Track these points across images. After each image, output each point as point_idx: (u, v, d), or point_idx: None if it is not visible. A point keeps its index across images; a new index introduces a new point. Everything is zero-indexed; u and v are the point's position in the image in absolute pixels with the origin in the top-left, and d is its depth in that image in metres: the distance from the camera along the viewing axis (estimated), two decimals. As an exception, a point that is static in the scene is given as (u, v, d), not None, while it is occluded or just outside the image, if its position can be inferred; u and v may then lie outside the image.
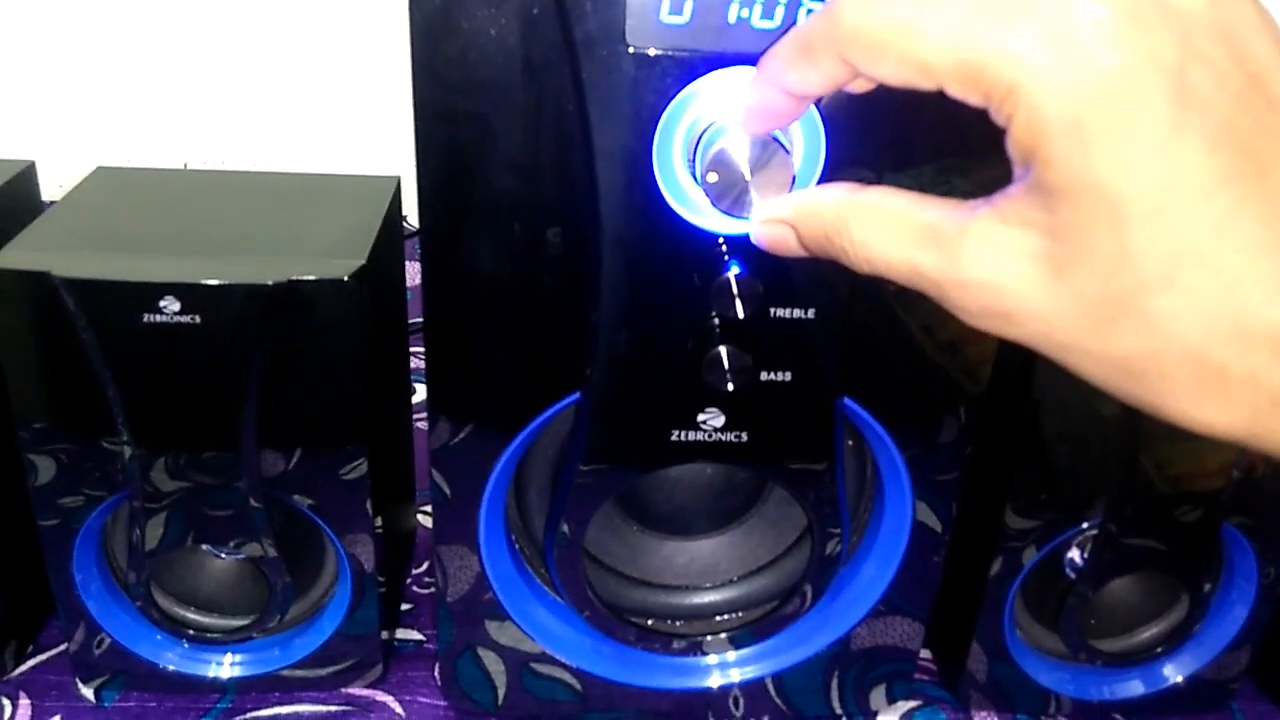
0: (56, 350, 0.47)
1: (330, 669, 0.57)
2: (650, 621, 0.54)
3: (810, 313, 0.44)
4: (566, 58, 0.38)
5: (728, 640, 0.55)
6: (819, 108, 0.38)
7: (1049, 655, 0.58)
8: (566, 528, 0.49)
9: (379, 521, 0.53)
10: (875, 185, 0.31)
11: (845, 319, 0.44)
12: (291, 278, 0.46)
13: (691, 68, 0.38)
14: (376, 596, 0.55)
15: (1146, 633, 0.58)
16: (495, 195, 0.41)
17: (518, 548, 0.53)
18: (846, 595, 0.54)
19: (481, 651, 0.54)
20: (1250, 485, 0.52)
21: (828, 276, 0.43)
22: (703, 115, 0.38)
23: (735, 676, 0.56)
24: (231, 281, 0.46)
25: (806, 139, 0.39)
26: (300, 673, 0.56)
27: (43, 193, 0.61)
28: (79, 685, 0.57)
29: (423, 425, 0.74)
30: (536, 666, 0.54)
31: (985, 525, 0.53)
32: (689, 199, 0.40)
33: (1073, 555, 0.54)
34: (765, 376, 0.45)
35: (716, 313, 0.43)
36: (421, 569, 0.67)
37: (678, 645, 0.54)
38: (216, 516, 0.51)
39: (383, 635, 0.57)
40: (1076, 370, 0.28)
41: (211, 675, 0.56)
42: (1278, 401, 0.26)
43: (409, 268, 0.63)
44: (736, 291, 0.42)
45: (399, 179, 0.59)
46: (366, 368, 0.49)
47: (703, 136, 0.37)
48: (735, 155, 0.35)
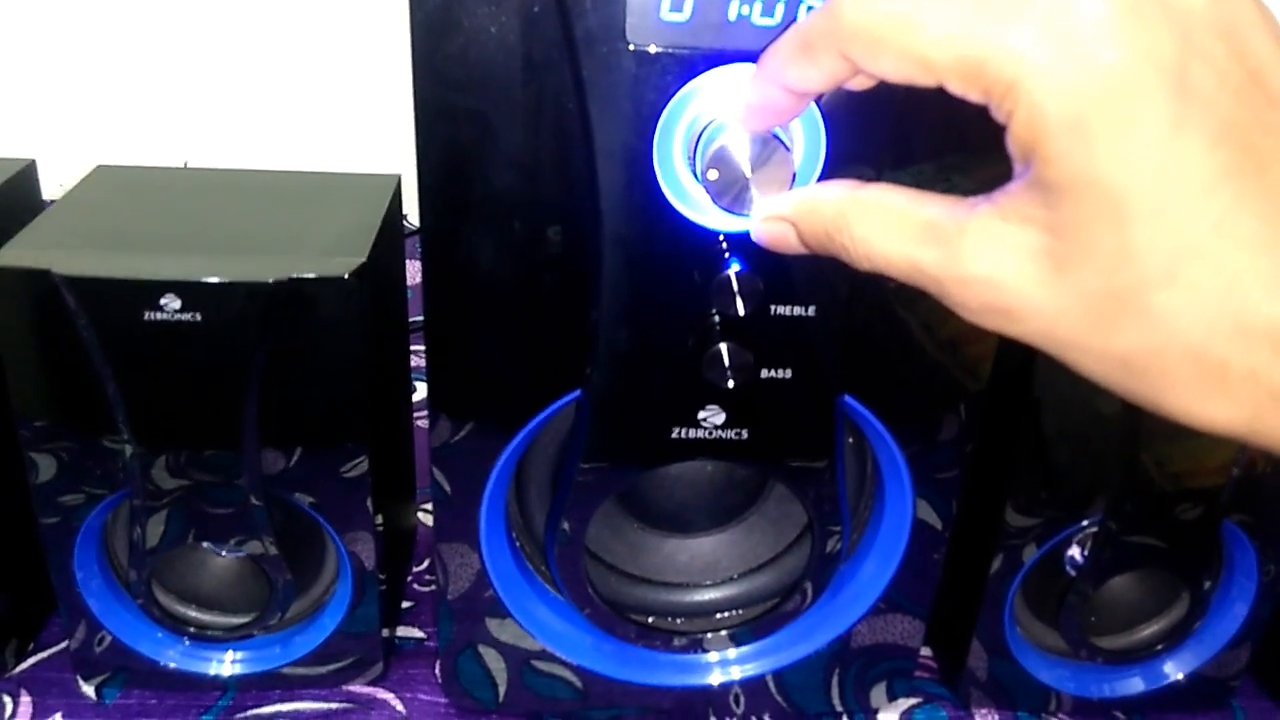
0: (57, 348, 0.47)
1: (331, 666, 0.57)
2: (651, 619, 0.54)
3: (811, 310, 0.44)
4: (567, 55, 0.38)
5: (728, 638, 0.55)
6: (819, 105, 0.38)
7: (1049, 652, 0.58)
8: (567, 525, 0.49)
9: (380, 519, 0.53)
10: (875, 182, 0.31)
11: (846, 316, 0.44)
12: (292, 276, 0.46)
13: (692, 65, 0.38)
14: (377, 594, 0.55)
15: (1147, 630, 0.57)
16: (496, 193, 0.41)
17: (518, 545, 0.53)
18: (847, 593, 0.54)
19: (482, 649, 0.54)
20: (1250, 482, 0.52)
21: (828, 274, 0.43)
22: (703, 112, 0.38)
23: (736, 674, 0.56)
24: (232, 279, 0.46)
25: (807, 136, 0.39)
26: (301, 670, 0.56)
27: (43, 191, 0.60)
28: (80, 683, 0.57)
29: (423, 423, 0.74)
30: (537, 664, 0.54)
31: (986, 523, 0.53)
32: (689, 196, 0.40)
33: (1073, 553, 0.54)
34: (766, 374, 0.45)
35: (717, 310, 0.43)
36: (422, 567, 0.67)
37: (678, 643, 0.54)
38: (217, 514, 0.51)
39: (383, 633, 0.57)
40: (1077, 367, 0.28)
41: (212, 673, 0.56)
42: (1278, 397, 0.26)
43: (409, 266, 0.63)
44: (737, 289, 0.42)
45: (399, 177, 0.59)
46: (367, 366, 0.49)
47: (703, 134, 0.37)
48: (736, 152, 0.35)
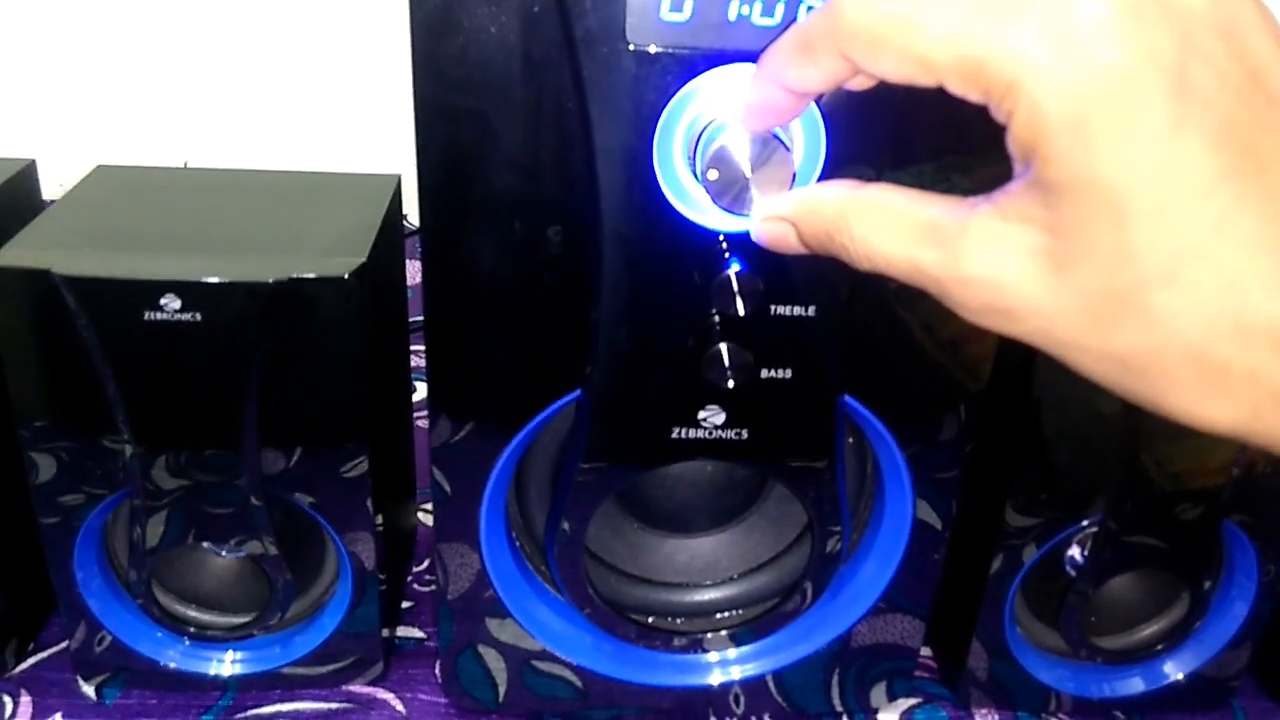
0: (57, 348, 0.47)
1: (331, 666, 0.57)
2: (651, 619, 0.54)
3: (811, 310, 0.44)
4: (567, 55, 0.38)
5: (728, 638, 0.55)
6: (819, 105, 0.38)
7: (1049, 652, 0.58)
8: (567, 525, 0.49)
9: (380, 519, 0.53)
10: (875, 182, 0.31)
11: (846, 316, 0.44)
12: (292, 276, 0.46)
13: (692, 65, 0.38)
14: (377, 594, 0.55)
15: (1147, 630, 0.57)
16: (496, 193, 0.41)
17: (518, 545, 0.53)
18: (847, 593, 0.54)
19: (482, 649, 0.54)
20: (1250, 482, 0.52)
21: (828, 274, 0.43)
22: (703, 112, 0.38)
23: (736, 674, 0.56)
24: (232, 279, 0.46)
25: (807, 136, 0.39)
26: (301, 670, 0.56)
27: (43, 191, 0.60)
28: (80, 683, 0.57)
29: (423, 423, 0.74)
30: (537, 664, 0.54)
31: (985, 523, 0.53)
32: (689, 196, 0.40)
33: (1073, 553, 0.54)
34: (766, 374, 0.45)
35: (717, 310, 0.43)
36: (422, 567, 0.67)
37: (678, 642, 0.54)
38: (217, 514, 0.51)
39: (383, 633, 0.57)
40: (1077, 367, 0.28)
41: (212, 673, 0.56)
42: (1278, 397, 0.26)
43: (409, 266, 0.63)
44: (737, 289, 0.42)
45: (399, 177, 0.59)
46: (367, 365, 0.49)
47: (703, 134, 0.37)
48: (736, 152, 0.35)
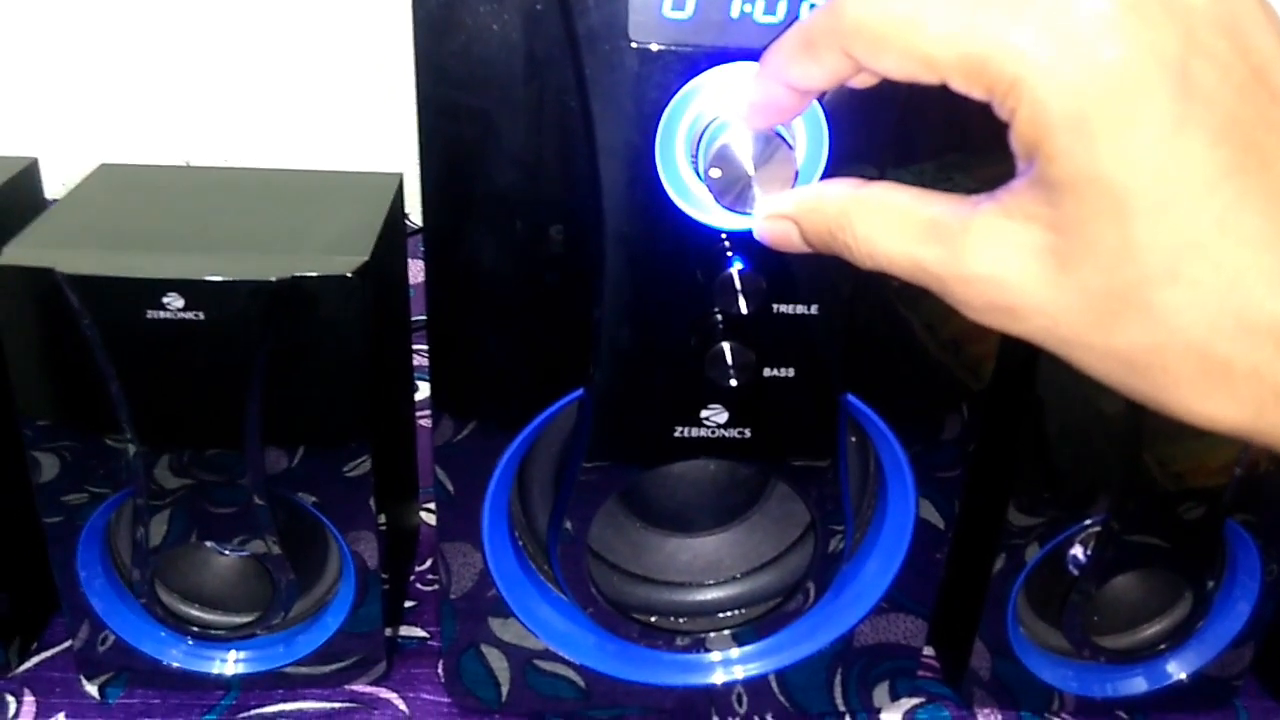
0: (60, 347, 0.47)
1: (334, 666, 0.57)
2: (654, 618, 0.54)
3: (813, 309, 0.44)
4: (569, 53, 0.38)
5: (731, 637, 0.55)
6: (822, 103, 0.38)
7: (1052, 652, 0.58)
8: (570, 524, 0.49)
9: (382, 519, 0.53)
10: (878, 181, 0.31)
11: (848, 315, 0.44)
12: (295, 274, 0.46)
13: (694, 63, 0.38)
14: (380, 593, 0.55)
15: (1150, 629, 0.57)
16: (498, 191, 0.41)
17: (521, 544, 0.53)
18: (849, 592, 0.54)
19: (485, 648, 0.54)
20: (1253, 482, 0.52)
21: (830, 272, 0.43)
22: (705, 110, 0.38)
23: (739, 673, 0.56)
24: (235, 278, 0.46)
25: (809, 134, 0.39)
26: (304, 670, 0.56)
27: (46, 190, 0.60)
28: (83, 682, 0.57)
29: (426, 422, 0.74)
30: (540, 663, 0.54)
31: (988, 522, 0.53)
32: (692, 194, 0.40)
33: (1076, 552, 0.54)
34: (768, 373, 0.45)
35: (719, 309, 0.43)
36: (425, 566, 0.67)
37: (681, 642, 0.54)
38: (220, 513, 0.51)
39: (386, 632, 0.57)
40: (1080, 365, 0.28)
41: (215, 672, 0.56)
42: (1281, 395, 0.26)
43: (411, 265, 0.63)
44: (739, 287, 0.41)
45: (401, 176, 0.59)
46: (369, 364, 0.49)
47: (705, 132, 0.37)
48: (738, 150, 0.35)
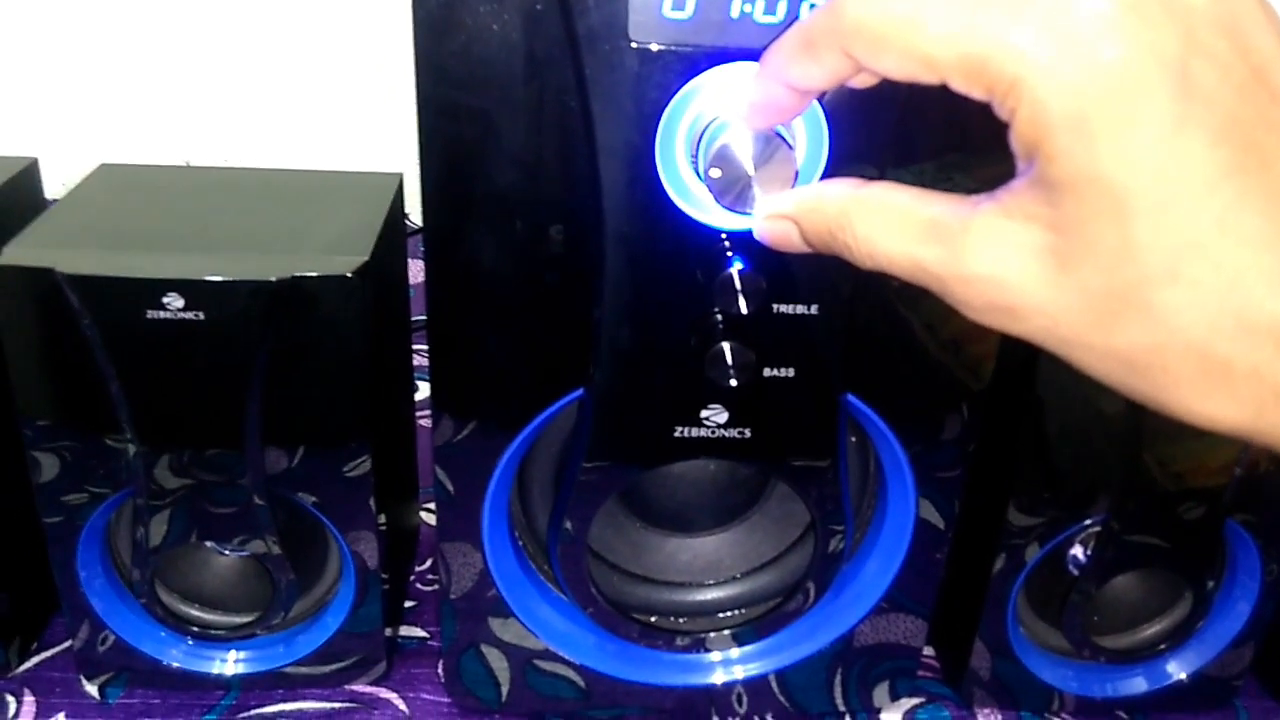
0: (60, 347, 0.47)
1: (334, 666, 0.57)
2: (654, 618, 0.54)
3: (813, 309, 0.44)
4: (569, 53, 0.38)
5: (731, 637, 0.55)
6: (822, 103, 0.38)
7: (1052, 652, 0.58)
8: (570, 524, 0.49)
9: (382, 519, 0.53)
10: (878, 181, 0.31)
11: (848, 315, 0.44)
12: (295, 274, 0.46)
13: (694, 63, 0.38)
14: (380, 593, 0.55)
15: (1150, 629, 0.57)
16: (498, 191, 0.41)
17: (521, 544, 0.53)
18: (849, 592, 0.54)
19: (485, 648, 0.54)
20: (1253, 481, 0.52)
21: (831, 272, 0.43)
22: (705, 110, 0.38)
23: (739, 673, 0.56)
24: (235, 278, 0.46)
25: (809, 134, 0.39)
26: (304, 670, 0.56)
27: (46, 190, 0.60)
28: (83, 682, 0.57)
29: (426, 422, 0.74)
30: (540, 663, 0.54)
31: (988, 522, 0.53)
32: (692, 194, 0.40)
33: (1076, 552, 0.54)
34: (768, 373, 0.45)
35: (719, 309, 0.43)
36: (425, 566, 0.67)
37: (681, 642, 0.54)
38: (220, 513, 0.51)
39: (386, 632, 0.57)
40: (1080, 365, 0.28)
41: (215, 672, 0.56)
42: (1282, 395, 0.26)
43: (411, 265, 0.63)
44: (739, 287, 0.41)
45: (401, 176, 0.59)
46: (370, 364, 0.49)
47: (705, 132, 0.37)
48: (738, 150, 0.35)
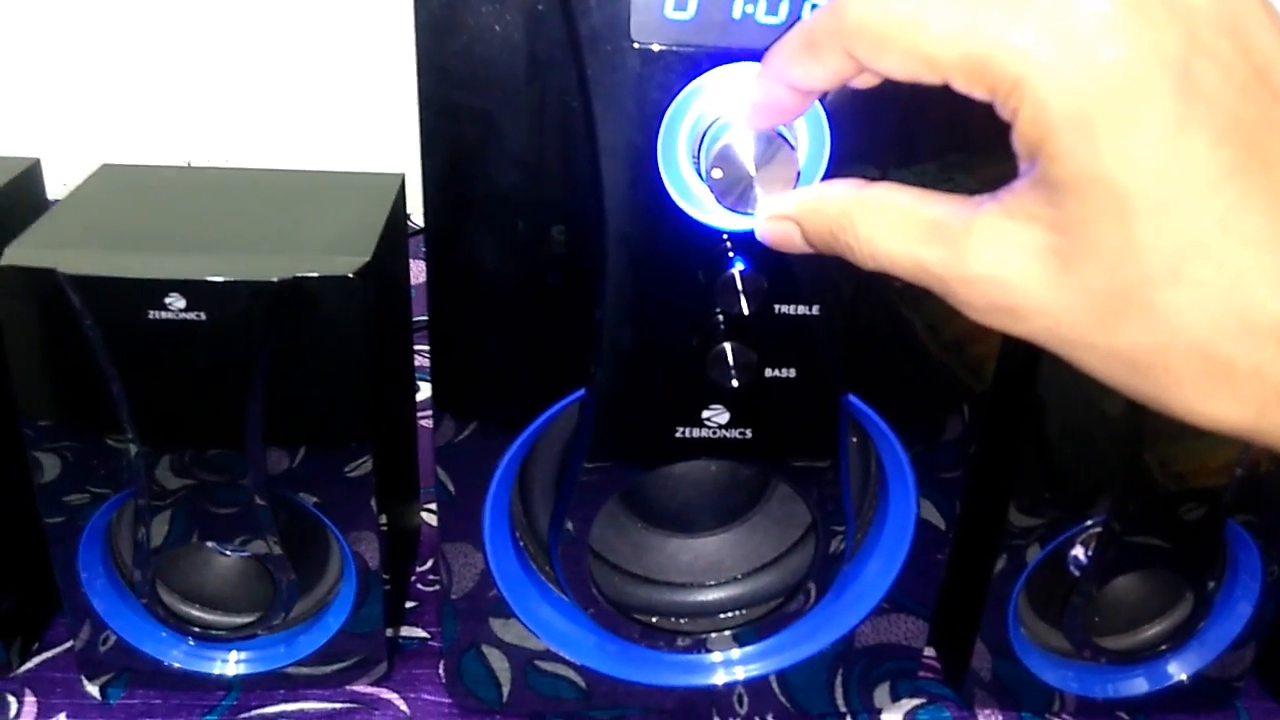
0: (62, 347, 0.47)
1: (335, 666, 0.57)
2: (655, 619, 0.54)
3: (815, 309, 0.44)
4: (571, 54, 0.38)
5: (732, 638, 0.55)
6: (824, 103, 0.38)
7: (1053, 653, 0.58)
8: (571, 525, 0.49)
9: (383, 519, 0.53)
10: (880, 181, 0.31)
11: (850, 315, 0.44)
12: (296, 275, 0.46)
13: (696, 63, 0.38)
14: (381, 594, 0.55)
15: (1151, 630, 0.57)
16: (500, 192, 0.41)
17: (522, 545, 0.53)
18: (850, 593, 0.54)
19: (486, 649, 0.54)
20: (1254, 482, 0.52)
21: (832, 273, 0.43)
22: (707, 111, 0.38)
23: (740, 674, 0.56)
24: (236, 278, 0.46)
25: (811, 135, 0.39)
26: (305, 670, 0.56)
27: (47, 190, 0.61)
28: (84, 682, 0.57)
29: (427, 423, 0.74)
30: (541, 664, 0.54)
31: (989, 523, 0.53)
32: (694, 195, 0.40)
33: (1077, 553, 0.54)
34: (770, 373, 0.45)
35: (721, 309, 0.43)
36: (426, 566, 0.67)
37: (682, 642, 0.54)
38: (222, 514, 0.51)
39: (387, 633, 0.57)
40: (1082, 365, 0.28)
41: (216, 672, 0.56)
42: (1284, 395, 0.25)
43: (413, 265, 0.63)
44: (741, 288, 0.41)
45: (403, 176, 0.59)
46: (371, 365, 0.49)
47: (707, 132, 0.37)
48: (740, 151, 0.35)
